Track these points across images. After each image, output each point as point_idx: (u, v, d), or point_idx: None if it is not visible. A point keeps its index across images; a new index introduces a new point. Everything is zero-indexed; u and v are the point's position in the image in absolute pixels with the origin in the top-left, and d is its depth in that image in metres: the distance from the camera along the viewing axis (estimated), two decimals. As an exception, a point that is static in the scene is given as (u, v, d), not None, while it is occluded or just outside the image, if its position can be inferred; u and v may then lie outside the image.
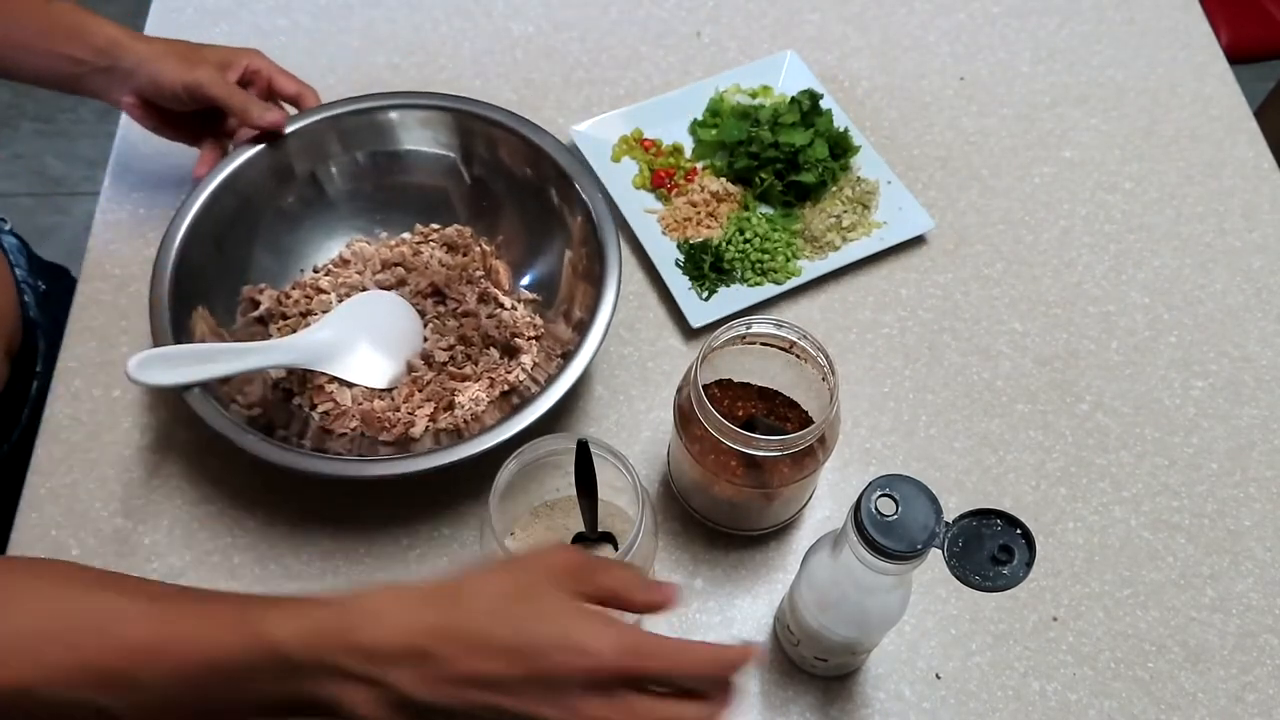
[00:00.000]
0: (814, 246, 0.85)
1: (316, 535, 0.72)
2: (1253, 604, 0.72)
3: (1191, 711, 0.68)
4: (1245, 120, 0.96)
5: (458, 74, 0.96)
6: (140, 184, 0.88)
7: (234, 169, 0.76)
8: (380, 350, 0.75)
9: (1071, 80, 0.99)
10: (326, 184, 0.81)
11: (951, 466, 0.77)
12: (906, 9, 1.03)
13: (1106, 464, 0.77)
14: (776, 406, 0.71)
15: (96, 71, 0.74)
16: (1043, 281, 0.86)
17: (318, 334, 0.74)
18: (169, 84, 0.74)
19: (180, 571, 0.71)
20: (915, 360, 0.82)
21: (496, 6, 1.01)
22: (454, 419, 0.74)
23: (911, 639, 0.70)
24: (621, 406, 0.78)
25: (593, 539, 0.65)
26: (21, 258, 0.88)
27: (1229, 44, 1.41)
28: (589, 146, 0.89)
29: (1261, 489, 0.77)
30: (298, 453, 0.66)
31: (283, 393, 0.75)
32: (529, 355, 0.77)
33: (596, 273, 0.72)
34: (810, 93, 0.91)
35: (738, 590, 0.71)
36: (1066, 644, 0.70)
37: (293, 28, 0.97)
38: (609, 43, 0.99)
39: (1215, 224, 0.90)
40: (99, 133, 2.04)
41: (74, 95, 0.77)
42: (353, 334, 0.75)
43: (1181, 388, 0.81)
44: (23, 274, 0.86)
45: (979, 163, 0.93)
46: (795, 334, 0.65)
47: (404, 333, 0.77)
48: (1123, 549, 0.74)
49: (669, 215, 0.87)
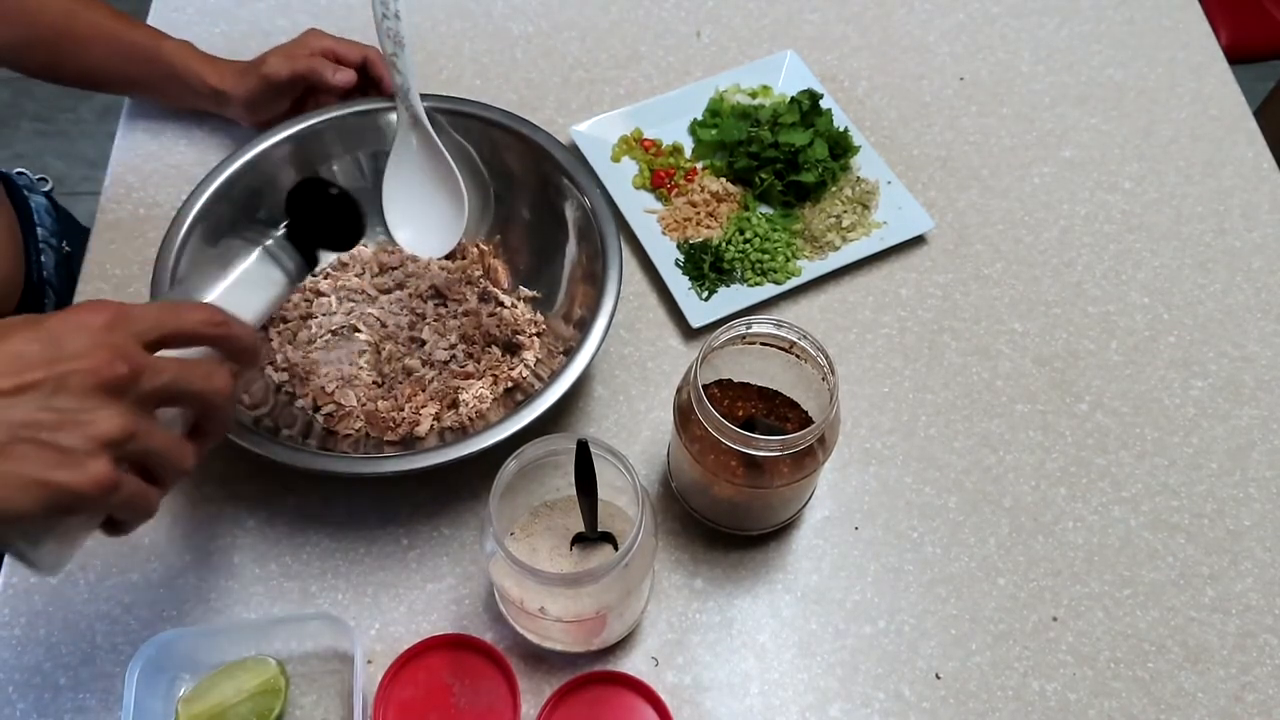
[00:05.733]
0: (814, 246, 0.85)
1: (316, 535, 0.72)
2: (1252, 604, 0.72)
3: (1191, 711, 0.68)
4: (1245, 120, 0.97)
5: (458, 74, 0.96)
6: (140, 184, 0.88)
7: (234, 170, 0.76)
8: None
9: (1071, 80, 0.99)
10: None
11: (951, 466, 0.77)
12: (906, 9, 1.03)
13: (1106, 464, 0.77)
14: (776, 406, 0.71)
15: (207, 102, 0.86)
16: (1042, 281, 0.86)
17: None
18: (256, 91, 0.83)
19: (180, 572, 0.71)
20: (915, 360, 0.82)
21: (496, 6, 1.01)
22: (459, 417, 0.74)
23: (911, 639, 0.70)
24: (621, 406, 0.78)
25: (593, 539, 0.65)
26: (48, 219, 0.92)
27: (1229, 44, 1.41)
28: (589, 146, 0.89)
29: (1261, 489, 0.77)
30: (302, 451, 0.66)
31: (286, 395, 0.75)
32: (531, 352, 0.77)
33: (597, 273, 0.72)
34: (810, 93, 0.91)
35: (738, 590, 0.71)
36: (1066, 644, 0.70)
37: (293, 28, 0.97)
38: (609, 43, 0.99)
39: (1215, 224, 0.90)
40: (99, 133, 2.04)
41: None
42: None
43: (1181, 388, 0.81)
44: (45, 234, 0.89)
45: (979, 163, 0.93)
46: (795, 334, 0.65)
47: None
48: (1122, 549, 0.74)
49: (669, 215, 0.87)
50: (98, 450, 0.45)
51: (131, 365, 0.46)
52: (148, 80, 0.86)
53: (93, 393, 0.45)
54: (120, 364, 0.46)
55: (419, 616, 0.70)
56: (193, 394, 0.49)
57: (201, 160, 0.89)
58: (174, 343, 0.50)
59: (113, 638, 0.68)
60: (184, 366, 0.49)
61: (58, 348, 0.45)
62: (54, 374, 0.45)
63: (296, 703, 0.66)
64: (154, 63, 0.84)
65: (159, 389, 0.48)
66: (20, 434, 0.44)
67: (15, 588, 0.70)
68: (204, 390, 0.50)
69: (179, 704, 0.65)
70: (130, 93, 0.91)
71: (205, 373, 0.50)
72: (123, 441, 0.46)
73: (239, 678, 0.65)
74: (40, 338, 0.46)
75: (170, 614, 0.69)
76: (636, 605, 0.67)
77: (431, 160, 0.79)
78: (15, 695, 0.66)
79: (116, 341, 0.46)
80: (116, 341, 0.46)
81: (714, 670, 0.68)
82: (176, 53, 0.84)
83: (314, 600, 0.70)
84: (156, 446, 0.48)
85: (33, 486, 0.44)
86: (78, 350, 0.45)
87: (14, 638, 0.68)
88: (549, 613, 0.61)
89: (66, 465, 0.44)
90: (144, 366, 0.47)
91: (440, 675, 0.65)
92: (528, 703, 0.66)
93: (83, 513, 0.47)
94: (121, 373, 0.46)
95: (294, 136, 0.78)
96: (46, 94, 2.08)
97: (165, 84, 0.85)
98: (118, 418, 0.45)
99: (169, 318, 0.49)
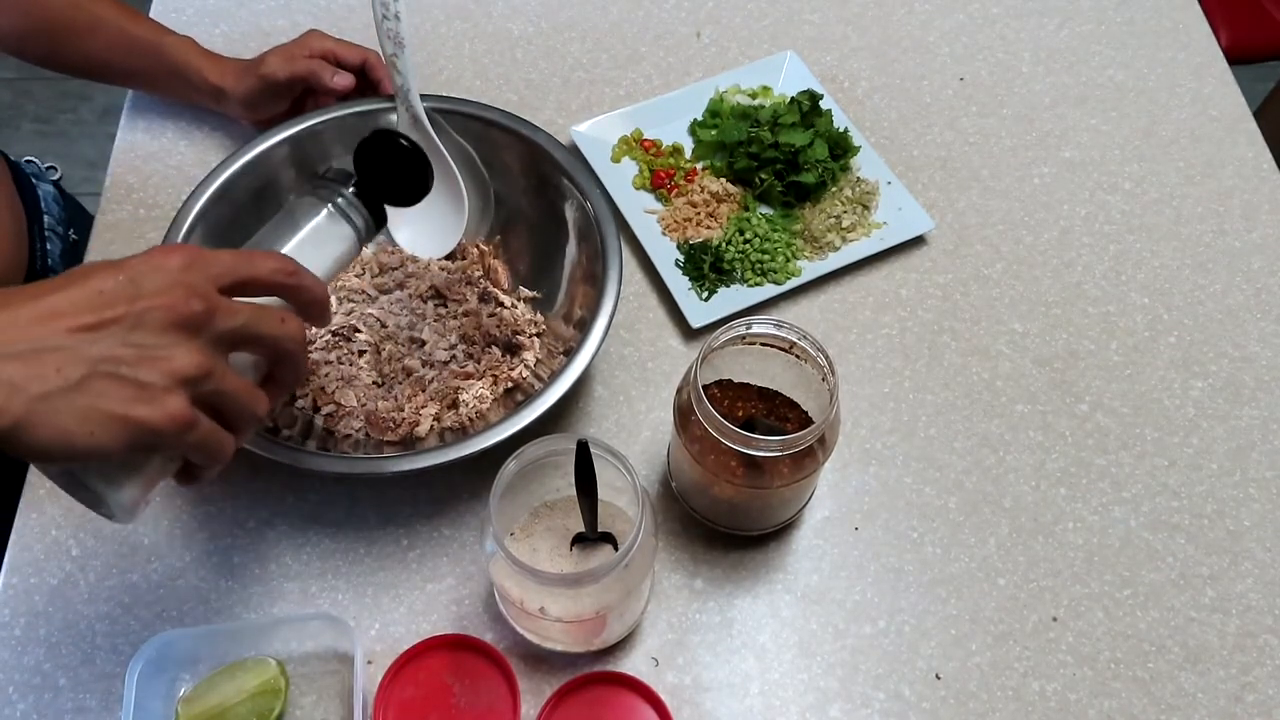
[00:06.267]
0: (814, 247, 0.85)
1: (316, 535, 0.72)
2: (1252, 604, 0.72)
3: (1191, 711, 0.68)
4: (1245, 120, 0.97)
5: (458, 74, 0.96)
6: (140, 184, 0.88)
7: (234, 171, 0.76)
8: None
9: (1071, 80, 0.99)
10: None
11: (951, 466, 0.77)
12: (906, 9, 1.03)
13: (1106, 464, 0.77)
14: (776, 406, 0.71)
15: (206, 98, 0.87)
16: (1042, 282, 0.86)
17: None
18: (254, 90, 0.83)
19: (180, 572, 0.71)
20: (915, 360, 0.82)
21: (496, 7, 1.01)
22: (459, 417, 0.74)
23: (911, 639, 0.70)
24: (621, 406, 0.78)
25: (593, 539, 0.65)
26: (56, 207, 0.93)
27: (1229, 44, 1.41)
28: (589, 147, 0.89)
29: (1261, 489, 0.77)
30: (302, 451, 0.66)
31: (285, 395, 0.75)
32: (531, 352, 0.77)
33: (597, 273, 0.72)
34: (810, 93, 0.91)
35: (738, 590, 0.71)
36: (1066, 644, 0.70)
37: (293, 28, 0.97)
38: (609, 43, 0.99)
39: (1215, 224, 0.90)
40: (99, 133, 2.04)
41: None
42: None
43: (1181, 388, 0.81)
44: (51, 221, 0.90)
45: (979, 163, 0.93)
46: (795, 334, 0.65)
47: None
48: (1122, 549, 0.74)
49: (669, 215, 0.87)
50: (175, 386, 0.45)
51: (207, 304, 0.47)
52: (148, 74, 0.86)
53: (170, 329, 0.46)
54: (197, 301, 0.47)
55: (419, 616, 0.70)
56: (267, 337, 0.50)
57: (201, 161, 0.89)
58: (248, 289, 0.50)
59: (113, 638, 0.68)
60: (258, 310, 0.50)
61: (136, 286, 0.46)
62: (133, 310, 0.45)
63: (296, 703, 0.66)
64: (156, 57, 0.84)
65: (234, 330, 0.48)
66: (100, 369, 0.44)
67: (15, 588, 0.70)
68: (278, 335, 0.50)
69: (179, 704, 0.65)
70: (131, 85, 0.91)
71: (279, 318, 0.51)
72: (199, 379, 0.46)
73: (239, 678, 0.65)
74: (120, 276, 0.46)
75: (170, 614, 0.69)
76: (636, 605, 0.67)
77: (431, 160, 0.79)
78: (15, 695, 0.66)
79: (193, 280, 0.47)
80: (193, 280, 0.47)
81: (714, 670, 0.68)
82: (178, 48, 0.84)
83: (314, 600, 0.70)
84: (231, 388, 0.48)
85: (112, 421, 0.44)
86: (156, 288, 0.46)
87: (14, 638, 0.68)
88: (549, 613, 0.61)
89: (145, 400, 0.45)
90: (219, 307, 0.48)
91: (440, 675, 0.65)
92: (528, 703, 0.66)
93: (160, 450, 0.48)
94: (197, 310, 0.46)
95: (294, 137, 0.78)
96: (47, 94, 2.09)
97: (166, 78, 0.86)
98: (195, 354, 0.46)
99: (243, 264, 0.50)
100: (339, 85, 0.81)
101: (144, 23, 0.86)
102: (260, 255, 0.52)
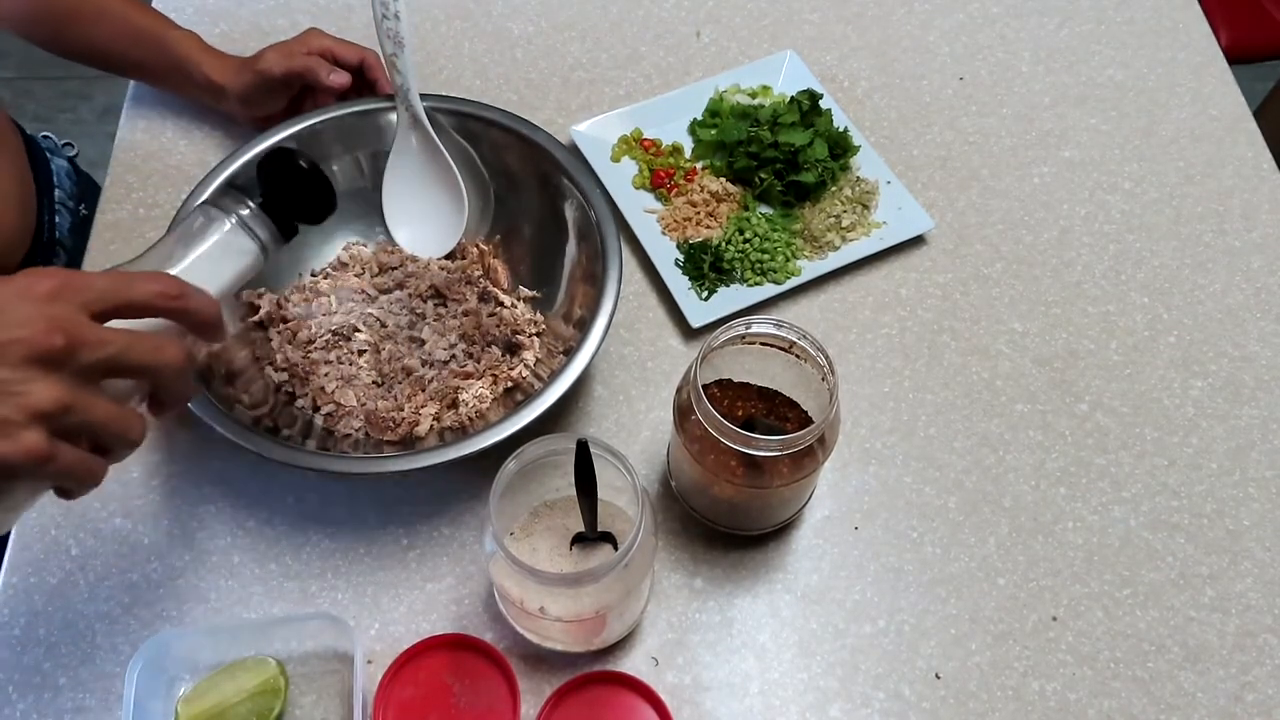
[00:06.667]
0: (814, 246, 0.85)
1: (316, 535, 0.72)
2: (1252, 604, 0.72)
3: (1191, 711, 0.68)
4: (1245, 120, 0.97)
5: (458, 74, 0.96)
6: (140, 183, 0.88)
7: (234, 170, 0.76)
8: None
9: (1071, 80, 0.99)
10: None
11: (951, 466, 0.77)
12: (906, 9, 1.03)
13: (1106, 464, 0.77)
14: (776, 406, 0.71)
15: (204, 94, 0.87)
16: (1042, 281, 0.86)
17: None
18: (251, 86, 0.83)
19: (180, 572, 0.71)
20: (915, 360, 0.82)
21: (496, 6, 1.01)
22: (458, 416, 0.74)
23: (911, 639, 0.70)
24: (621, 406, 0.78)
25: (593, 539, 0.65)
26: (68, 181, 0.93)
27: (1228, 44, 1.41)
28: (589, 146, 0.89)
29: (1261, 489, 0.77)
30: (302, 451, 0.66)
31: (286, 395, 0.75)
32: (531, 351, 0.77)
33: (597, 273, 0.72)
34: (810, 93, 0.91)
35: (738, 590, 0.71)
36: (1066, 644, 0.70)
37: (292, 28, 0.97)
38: (609, 43, 0.99)
39: (1215, 224, 0.90)
40: (99, 133, 2.04)
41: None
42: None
43: (1181, 388, 0.81)
44: (62, 195, 0.91)
45: (979, 163, 0.93)
46: (795, 334, 0.65)
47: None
48: (1122, 549, 0.74)
49: (669, 215, 0.87)
50: (30, 422, 0.44)
51: (69, 337, 0.45)
52: (150, 65, 0.86)
53: (27, 364, 0.44)
54: (57, 335, 0.45)
55: (419, 616, 0.70)
56: (139, 367, 0.48)
57: (201, 160, 0.89)
58: (125, 314, 0.48)
59: (113, 638, 0.68)
60: (131, 339, 0.48)
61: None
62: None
63: (296, 703, 0.66)
64: (158, 49, 0.85)
65: (101, 360, 0.46)
66: None
67: (15, 588, 0.70)
68: (151, 364, 0.48)
69: (179, 704, 0.65)
70: (132, 76, 0.91)
71: (153, 346, 0.49)
72: (57, 414, 0.45)
73: (239, 678, 0.65)
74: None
75: (170, 614, 0.69)
76: (636, 605, 0.67)
77: (431, 160, 0.79)
78: (15, 695, 0.66)
79: (57, 313, 0.45)
80: (57, 313, 0.45)
81: (714, 670, 0.68)
82: (181, 42, 0.85)
83: (314, 600, 0.70)
84: (97, 419, 0.47)
85: None
86: (17, 320, 0.45)
87: (14, 638, 0.68)
88: (549, 613, 0.61)
89: (0, 435, 0.44)
90: (84, 339, 0.46)
91: (440, 675, 0.65)
92: (528, 703, 0.66)
93: (18, 481, 0.47)
94: (57, 344, 0.45)
95: (293, 137, 0.78)
96: (47, 94, 2.08)
97: (167, 72, 0.86)
98: (52, 389, 0.45)
99: (120, 288, 0.48)
100: (335, 83, 0.81)
101: (149, 15, 0.86)
102: (141, 277, 0.49)
